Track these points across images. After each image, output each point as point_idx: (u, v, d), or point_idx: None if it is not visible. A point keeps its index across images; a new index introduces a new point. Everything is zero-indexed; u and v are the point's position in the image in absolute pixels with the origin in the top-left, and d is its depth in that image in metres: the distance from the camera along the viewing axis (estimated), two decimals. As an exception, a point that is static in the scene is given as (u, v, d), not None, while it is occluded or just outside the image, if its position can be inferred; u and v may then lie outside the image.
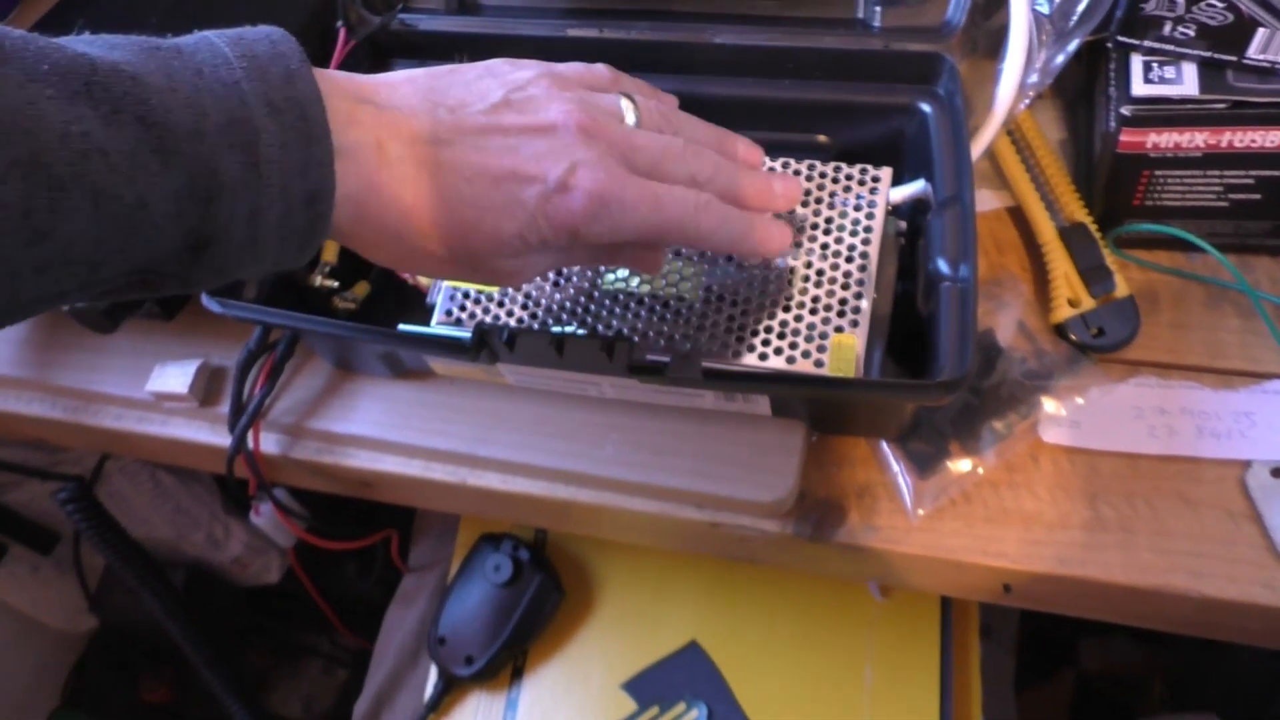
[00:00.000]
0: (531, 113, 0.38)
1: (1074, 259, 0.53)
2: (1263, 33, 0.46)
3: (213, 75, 0.32)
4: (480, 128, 0.38)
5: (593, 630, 0.70)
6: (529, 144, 0.38)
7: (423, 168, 0.37)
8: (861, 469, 0.52)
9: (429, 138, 0.37)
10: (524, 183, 0.37)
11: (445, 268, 0.39)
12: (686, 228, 0.40)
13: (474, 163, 0.37)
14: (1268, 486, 0.48)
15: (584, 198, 0.37)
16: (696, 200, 0.40)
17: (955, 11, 0.51)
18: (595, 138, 0.38)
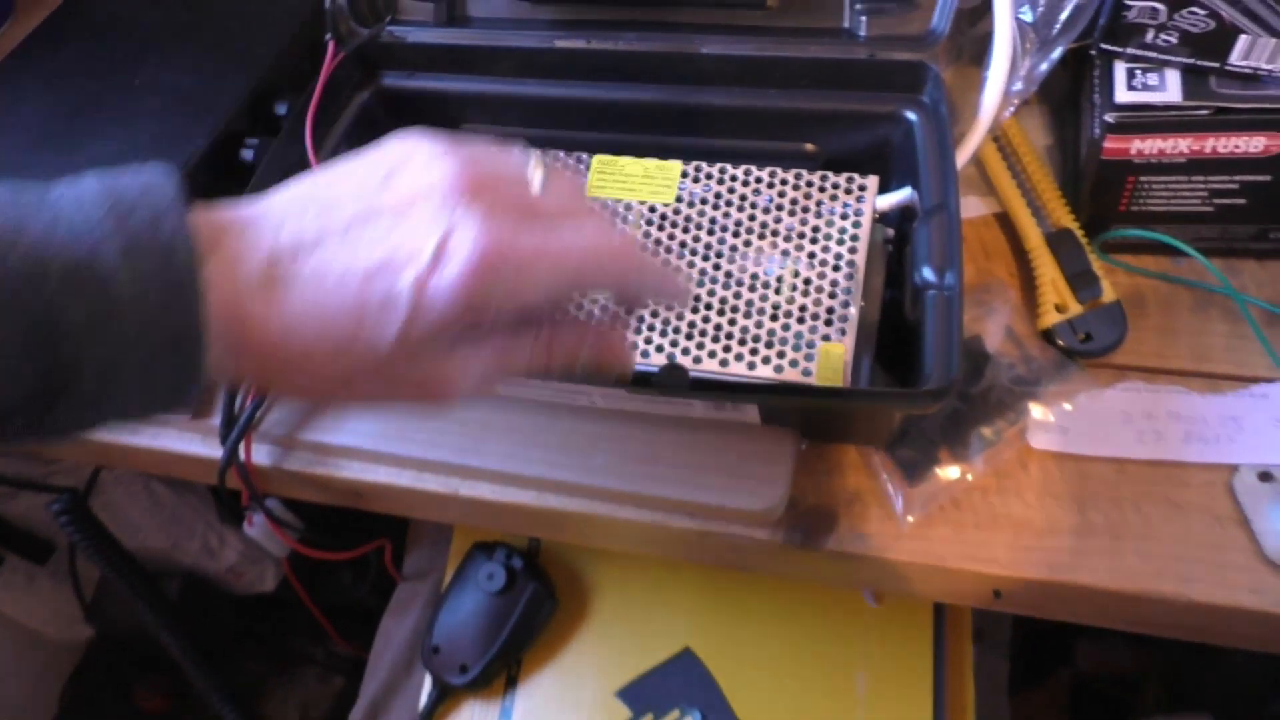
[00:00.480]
0: (408, 185, 0.33)
1: (1061, 265, 0.54)
2: (1245, 39, 0.47)
3: (69, 222, 0.30)
4: (348, 221, 0.33)
5: (586, 638, 0.70)
6: (403, 223, 0.32)
7: (288, 285, 0.32)
8: (852, 476, 0.52)
9: (292, 248, 0.32)
10: (398, 268, 0.32)
11: (354, 392, 0.35)
12: (609, 275, 0.35)
13: (342, 263, 0.32)
14: (1255, 490, 0.48)
15: (465, 266, 0.31)
16: (615, 242, 0.35)
17: (940, 20, 0.52)
18: (480, 193, 0.33)
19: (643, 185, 0.53)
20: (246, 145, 0.57)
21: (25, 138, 0.58)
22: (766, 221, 0.51)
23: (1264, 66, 0.47)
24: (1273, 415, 0.50)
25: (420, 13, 0.59)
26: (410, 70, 0.59)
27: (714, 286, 0.50)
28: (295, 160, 0.54)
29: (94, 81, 0.61)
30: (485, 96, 0.58)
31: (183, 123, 0.57)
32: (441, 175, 0.33)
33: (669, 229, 0.52)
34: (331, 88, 0.56)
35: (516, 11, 0.58)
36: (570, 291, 0.35)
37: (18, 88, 0.62)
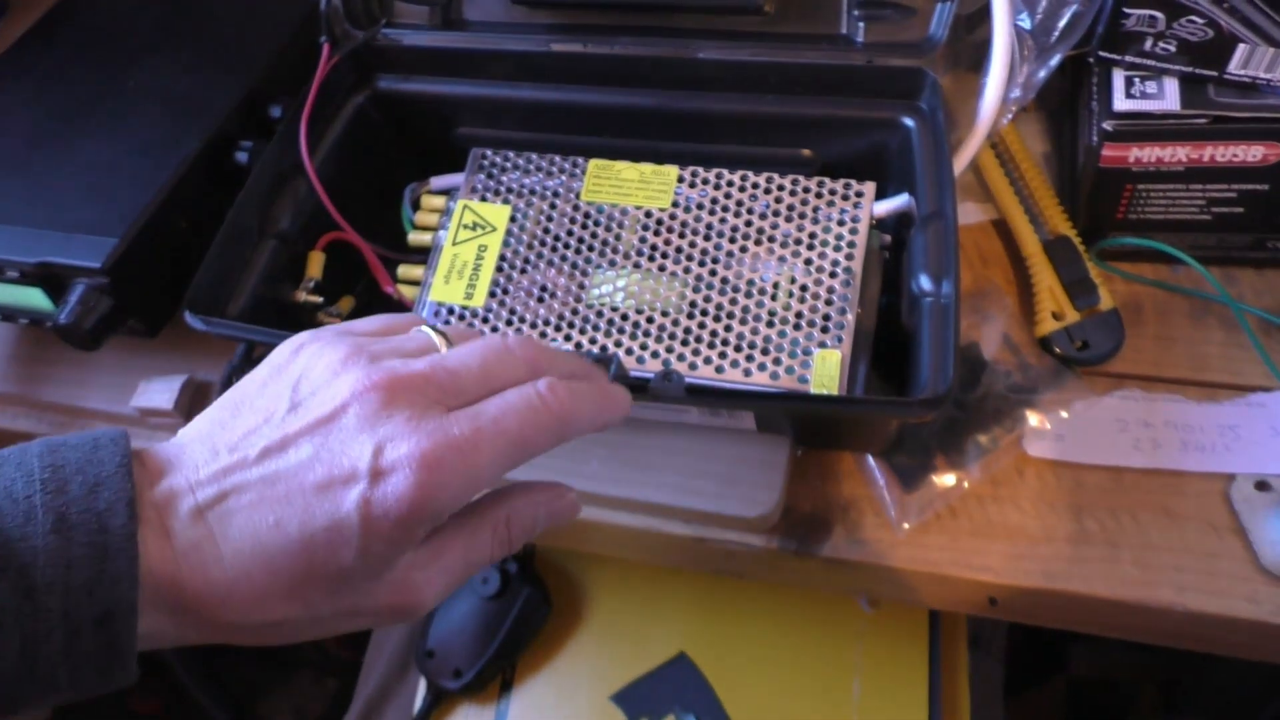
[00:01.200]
0: (318, 404, 0.32)
1: (1058, 272, 0.54)
2: (1243, 49, 0.47)
3: (4, 494, 0.29)
4: (265, 452, 0.32)
5: (581, 642, 0.69)
6: (325, 442, 0.31)
7: (220, 537, 0.31)
8: (847, 483, 0.52)
9: (215, 495, 0.31)
10: (335, 491, 0.31)
11: (322, 626, 0.33)
12: (549, 429, 0.34)
13: (272, 499, 0.31)
14: (1252, 500, 0.48)
15: (409, 474, 0.30)
16: (544, 392, 0.34)
17: (938, 27, 0.51)
18: (397, 394, 0.32)
19: (639, 190, 0.53)
20: (240, 148, 0.57)
21: (17, 140, 0.58)
22: (763, 228, 0.51)
23: (1262, 76, 0.47)
24: (1270, 424, 0.50)
25: (415, 15, 0.59)
26: (405, 73, 0.58)
27: (710, 293, 0.50)
28: (290, 164, 0.54)
29: (87, 83, 0.61)
30: (481, 100, 0.58)
31: (176, 126, 0.57)
32: (350, 386, 0.32)
33: (665, 234, 0.52)
34: (326, 90, 0.56)
35: (512, 15, 0.58)
36: (521, 460, 0.33)
37: (10, 88, 0.61)
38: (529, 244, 0.53)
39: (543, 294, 0.51)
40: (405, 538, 0.31)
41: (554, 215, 0.53)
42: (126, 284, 0.51)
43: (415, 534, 0.32)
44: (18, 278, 0.52)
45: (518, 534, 0.36)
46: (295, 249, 0.54)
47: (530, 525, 0.36)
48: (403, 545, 0.32)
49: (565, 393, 0.34)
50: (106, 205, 0.53)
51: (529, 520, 0.36)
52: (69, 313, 0.50)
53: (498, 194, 0.54)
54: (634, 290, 0.50)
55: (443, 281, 0.52)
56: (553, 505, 0.37)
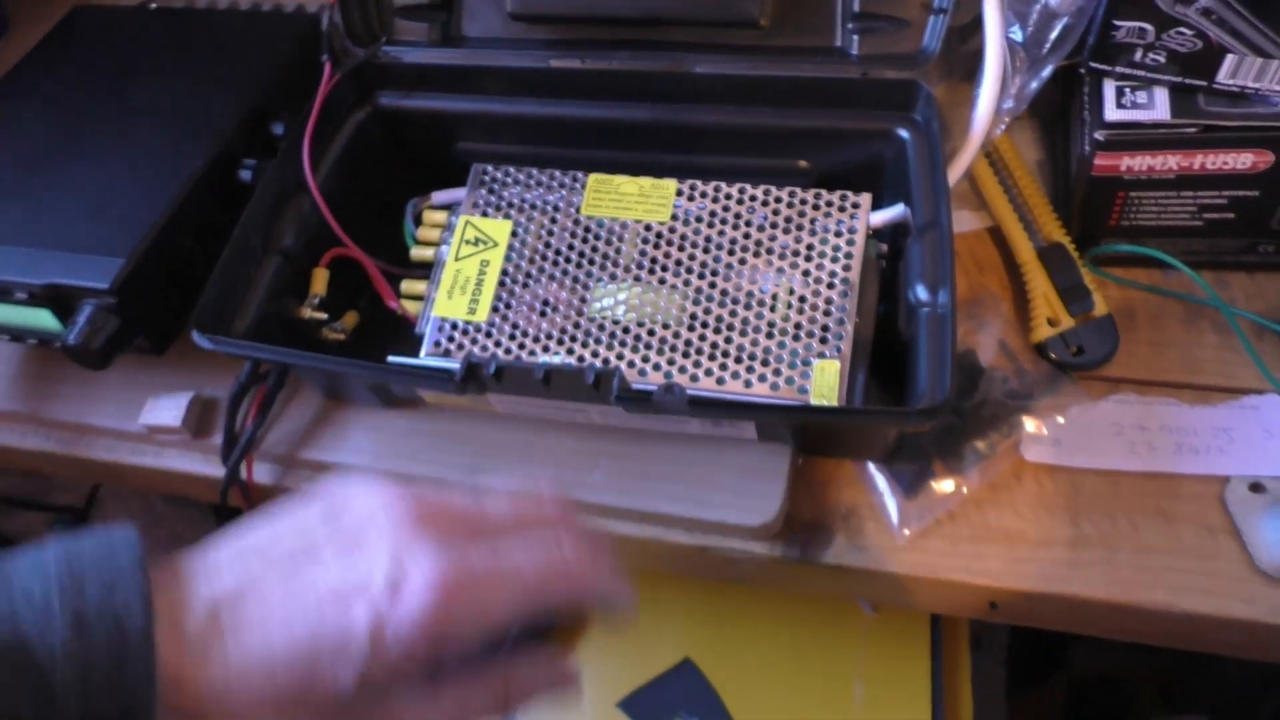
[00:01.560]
0: (351, 518, 0.32)
1: (1053, 279, 0.54)
2: (1231, 59, 0.47)
3: (22, 595, 0.29)
4: (289, 558, 0.32)
5: (587, 649, 0.69)
6: (349, 554, 0.31)
7: (229, 635, 0.30)
8: (848, 490, 0.52)
9: (233, 595, 0.31)
10: (347, 601, 0.30)
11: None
12: (565, 584, 0.34)
13: (286, 603, 0.31)
14: (1246, 501, 0.49)
15: (425, 595, 0.30)
16: (567, 549, 0.34)
17: (931, 39, 0.52)
18: (427, 518, 0.32)
19: (638, 204, 0.54)
20: (244, 166, 0.58)
21: (22, 158, 0.58)
22: (761, 239, 0.52)
23: (1251, 85, 0.48)
24: (1263, 427, 0.50)
25: (415, 33, 0.59)
26: (406, 89, 0.59)
27: (709, 305, 0.51)
28: (293, 181, 0.55)
29: (91, 102, 0.61)
30: (481, 115, 0.58)
31: (180, 144, 0.57)
32: (384, 504, 0.32)
33: (664, 247, 0.53)
34: (328, 108, 0.56)
35: (511, 31, 0.59)
36: (532, 609, 0.33)
37: (14, 106, 0.62)
38: (530, 258, 0.53)
39: (545, 308, 0.52)
40: (408, 661, 0.31)
41: (555, 230, 0.54)
42: (134, 303, 0.52)
43: (419, 659, 0.31)
44: (26, 299, 0.52)
45: (515, 694, 0.35)
46: (299, 265, 0.55)
47: (527, 689, 0.36)
48: (405, 669, 0.31)
49: (588, 554, 0.34)
50: (113, 225, 0.53)
51: (527, 684, 0.36)
52: (78, 333, 0.51)
53: (499, 209, 0.55)
54: (635, 303, 0.51)
55: (446, 297, 0.53)
56: (553, 676, 0.37)
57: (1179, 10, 0.47)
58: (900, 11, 0.53)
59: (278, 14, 0.67)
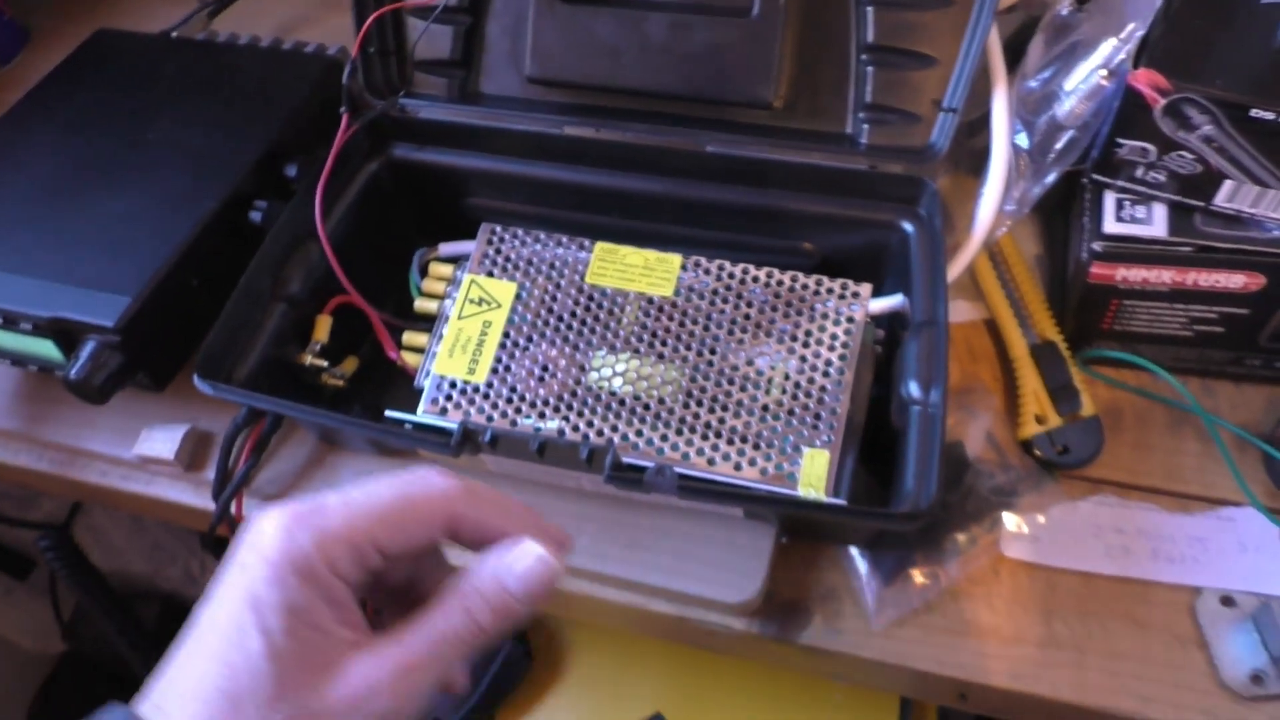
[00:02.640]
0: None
1: (1044, 377, 0.55)
2: (1229, 184, 0.48)
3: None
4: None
5: (560, 697, 0.71)
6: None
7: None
8: (828, 572, 0.53)
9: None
10: (217, 600, 0.32)
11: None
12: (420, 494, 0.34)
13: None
14: (1216, 614, 0.50)
15: (271, 533, 0.32)
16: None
17: (940, 136, 0.53)
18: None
19: (642, 276, 0.55)
20: (255, 207, 0.58)
21: (36, 186, 0.59)
22: (761, 321, 0.53)
23: (1246, 210, 0.49)
24: (1237, 540, 0.51)
25: (434, 87, 0.60)
26: (420, 143, 0.60)
27: (705, 383, 0.51)
28: (304, 229, 0.55)
29: (107, 133, 0.62)
30: (492, 174, 0.59)
31: (195, 182, 0.58)
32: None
33: (665, 321, 0.53)
34: (343, 157, 0.57)
35: (528, 92, 0.59)
36: (408, 532, 0.33)
37: (30, 133, 0.62)
38: (532, 322, 0.54)
39: (543, 373, 0.53)
40: (295, 598, 0.31)
41: (558, 295, 0.55)
42: (137, 342, 0.53)
43: (302, 591, 0.31)
44: (30, 329, 0.53)
45: (478, 604, 0.33)
46: (304, 311, 0.55)
47: (493, 593, 0.33)
48: (305, 610, 0.31)
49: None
50: (122, 261, 0.54)
51: (491, 589, 0.33)
52: (79, 369, 0.51)
53: (505, 270, 0.56)
54: (632, 376, 0.52)
55: (447, 355, 0.53)
56: (518, 568, 0.34)
57: (1181, 135, 0.48)
58: (911, 105, 0.54)
59: (298, 54, 0.68)
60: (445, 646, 0.32)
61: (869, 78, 0.55)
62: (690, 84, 0.56)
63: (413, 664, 0.32)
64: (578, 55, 0.57)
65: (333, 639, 0.31)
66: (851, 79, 0.55)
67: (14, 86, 0.73)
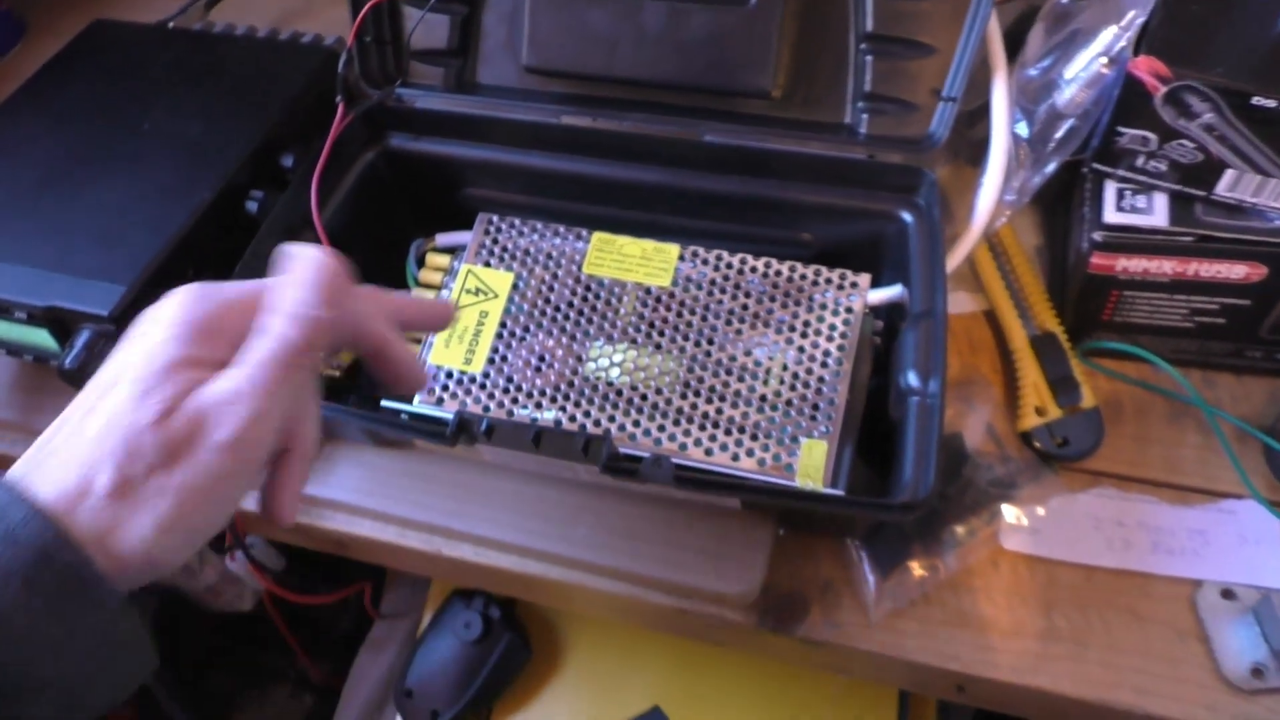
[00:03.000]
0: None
1: (1043, 368, 0.55)
2: (1231, 173, 0.48)
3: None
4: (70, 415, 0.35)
5: (558, 691, 0.70)
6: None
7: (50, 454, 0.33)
8: (826, 565, 0.53)
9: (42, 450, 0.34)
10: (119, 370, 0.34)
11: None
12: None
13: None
14: (1216, 607, 0.49)
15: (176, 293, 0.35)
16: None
17: (939, 126, 0.53)
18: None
19: (639, 266, 0.54)
20: (251, 197, 0.58)
21: (33, 175, 0.58)
22: (759, 311, 0.52)
23: (1248, 199, 0.49)
24: (1238, 532, 0.51)
25: (430, 77, 0.60)
26: (417, 133, 0.59)
27: (703, 373, 0.51)
28: (299, 219, 0.55)
29: (103, 123, 0.62)
30: (489, 164, 0.59)
31: (190, 172, 0.58)
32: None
33: (662, 311, 0.53)
34: (339, 147, 0.57)
35: (525, 83, 0.59)
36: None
37: (26, 123, 0.62)
38: (529, 312, 0.54)
39: (540, 363, 0.52)
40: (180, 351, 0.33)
41: (555, 285, 0.55)
42: (132, 331, 0.52)
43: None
44: (25, 318, 0.53)
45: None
46: (300, 302, 0.55)
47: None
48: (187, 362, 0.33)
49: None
50: (117, 251, 0.54)
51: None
52: (74, 358, 0.51)
53: (502, 260, 0.56)
54: (629, 366, 0.51)
55: (443, 345, 0.53)
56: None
57: (1182, 124, 0.47)
58: (910, 95, 0.54)
59: (294, 44, 0.67)
60: (270, 369, 0.33)
61: (868, 67, 0.55)
62: (688, 73, 0.56)
63: (247, 389, 0.33)
64: (575, 44, 0.57)
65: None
66: (850, 68, 0.55)
67: (11, 78, 0.73)
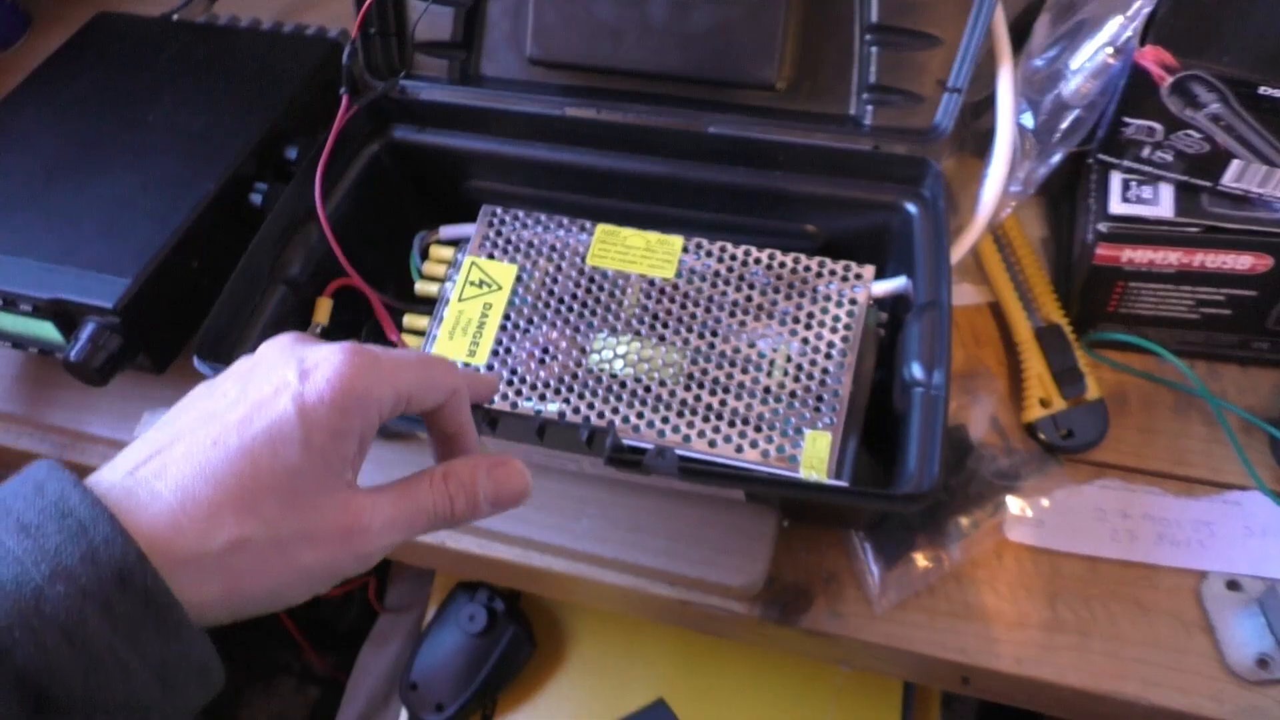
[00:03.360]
0: (240, 364, 0.35)
1: (1048, 360, 0.55)
2: (1237, 164, 0.48)
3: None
4: (195, 407, 0.33)
5: (562, 683, 0.71)
6: (251, 376, 0.34)
7: (155, 476, 0.31)
8: (830, 556, 0.53)
9: (147, 455, 0.32)
10: (268, 402, 0.32)
11: (288, 558, 0.32)
12: (440, 365, 0.37)
13: (208, 430, 0.32)
14: (1221, 598, 0.49)
15: (334, 364, 0.33)
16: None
17: (944, 117, 0.53)
18: (306, 338, 0.36)
19: (643, 258, 0.54)
20: (255, 190, 0.58)
21: (37, 168, 0.59)
22: (763, 303, 0.52)
23: (1255, 190, 0.49)
24: (1244, 524, 0.51)
25: (434, 69, 0.60)
26: (421, 125, 0.59)
27: (707, 365, 0.51)
28: (303, 210, 0.55)
29: (108, 115, 0.62)
30: (493, 156, 0.59)
31: (194, 164, 0.58)
32: (264, 345, 0.35)
33: (666, 303, 0.53)
34: (343, 138, 0.57)
35: (529, 74, 0.59)
36: (424, 385, 0.36)
37: (31, 115, 0.62)
38: (533, 305, 0.54)
39: (544, 355, 0.52)
40: (344, 425, 0.33)
41: (559, 278, 0.55)
42: (137, 323, 0.52)
43: (352, 421, 0.33)
44: (30, 311, 0.53)
45: (456, 488, 0.36)
46: (304, 294, 0.55)
47: (469, 481, 0.37)
48: (344, 436, 0.33)
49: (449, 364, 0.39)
50: (121, 243, 0.54)
51: (468, 478, 0.37)
52: (79, 350, 0.51)
53: (505, 252, 0.56)
54: (633, 358, 0.51)
55: (447, 337, 0.53)
56: (497, 472, 0.38)
57: (1188, 114, 0.47)
58: (915, 86, 0.54)
59: (298, 37, 0.67)
60: (420, 516, 0.35)
61: (873, 58, 0.54)
62: (692, 65, 0.56)
63: (393, 520, 0.34)
64: (579, 36, 0.57)
65: (345, 474, 0.33)
66: (855, 59, 0.55)
67: (16, 71, 0.73)
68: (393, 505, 0.35)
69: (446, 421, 0.39)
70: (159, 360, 0.55)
